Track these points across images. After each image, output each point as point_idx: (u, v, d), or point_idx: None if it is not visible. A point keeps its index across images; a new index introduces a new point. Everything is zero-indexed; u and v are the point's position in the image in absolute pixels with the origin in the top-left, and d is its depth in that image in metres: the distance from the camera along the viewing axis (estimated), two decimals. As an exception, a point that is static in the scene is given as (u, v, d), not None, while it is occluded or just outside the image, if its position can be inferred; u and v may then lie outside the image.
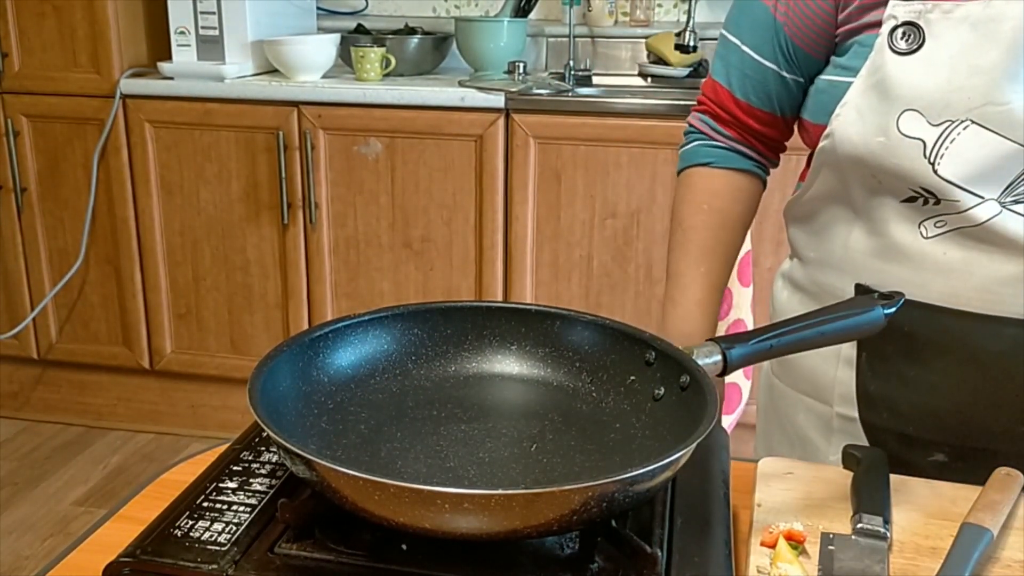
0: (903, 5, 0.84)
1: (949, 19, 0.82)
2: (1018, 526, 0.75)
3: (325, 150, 2.44)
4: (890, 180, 0.87)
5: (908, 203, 0.87)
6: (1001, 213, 0.83)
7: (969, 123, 0.82)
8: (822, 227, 0.97)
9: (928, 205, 0.86)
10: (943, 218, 0.86)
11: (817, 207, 0.97)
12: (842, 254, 0.95)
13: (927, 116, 0.83)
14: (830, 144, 0.90)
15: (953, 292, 0.86)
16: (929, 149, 0.83)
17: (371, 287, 2.54)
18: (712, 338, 0.75)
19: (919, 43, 0.83)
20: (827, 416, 0.98)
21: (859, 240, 0.92)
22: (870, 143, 0.86)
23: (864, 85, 0.86)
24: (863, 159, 0.87)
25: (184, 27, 2.48)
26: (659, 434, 0.72)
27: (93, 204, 2.60)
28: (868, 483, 0.75)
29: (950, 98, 0.82)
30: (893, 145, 0.85)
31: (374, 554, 0.63)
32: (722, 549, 0.66)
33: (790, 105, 1.00)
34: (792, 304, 1.03)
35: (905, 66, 0.84)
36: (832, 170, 0.92)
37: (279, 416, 0.66)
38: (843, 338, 0.78)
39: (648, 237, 2.36)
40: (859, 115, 0.87)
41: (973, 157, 0.82)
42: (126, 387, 2.82)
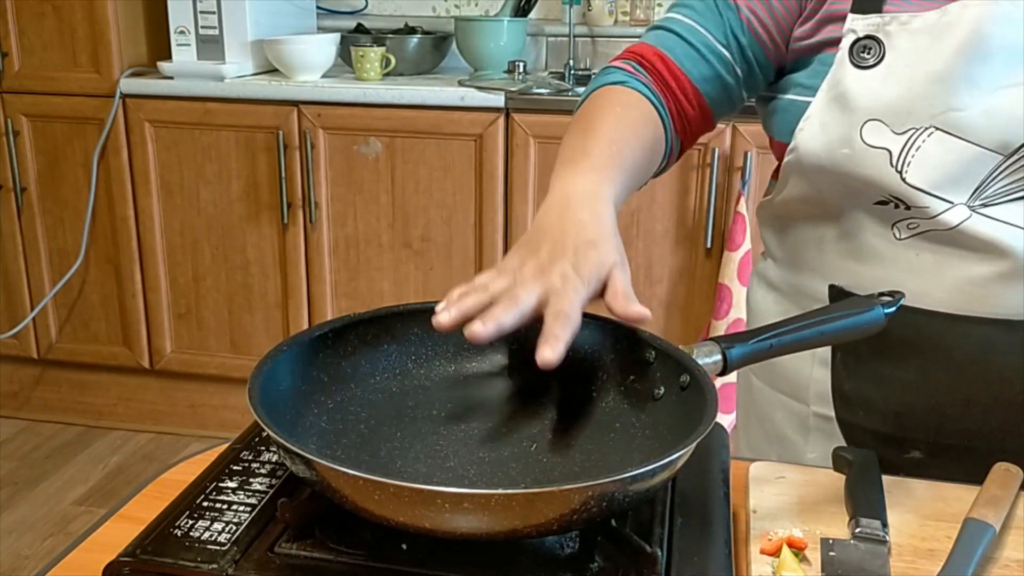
0: (862, 19, 0.85)
1: (907, 30, 0.83)
2: (1016, 525, 0.75)
3: (325, 150, 2.44)
4: (859, 188, 0.87)
5: (880, 206, 0.87)
6: (971, 217, 0.84)
7: (933, 130, 0.82)
8: (795, 229, 0.98)
9: (899, 209, 0.86)
10: (915, 221, 0.86)
11: (789, 209, 0.97)
12: (815, 256, 0.95)
13: (890, 125, 0.83)
14: (795, 158, 0.90)
15: (925, 292, 0.87)
16: (896, 158, 0.84)
17: (371, 287, 2.54)
18: (712, 337, 0.75)
19: (880, 56, 0.84)
20: (804, 415, 0.99)
21: (832, 242, 0.93)
22: (835, 155, 0.87)
23: (825, 99, 0.87)
24: (829, 171, 0.88)
25: (184, 27, 2.49)
26: (659, 434, 0.72)
27: (93, 204, 2.60)
28: (862, 486, 0.75)
29: (912, 106, 0.83)
30: (858, 156, 0.85)
31: (374, 554, 0.63)
32: (722, 549, 0.66)
33: (721, 96, 0.96)
34: (767, 303, 1.04)
35: (865, 77, 0.85)
36: (800, 178, 0.93)
37: (279, 416, 0.66)
38: (843, 337, 0.78)
39: (648, 237, 2.36)
40: (822, 128, 0.87)
41: (940, 163, 0.83)
42: (126, 387, 2.82)
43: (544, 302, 0.69)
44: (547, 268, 0.71)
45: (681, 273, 2.38)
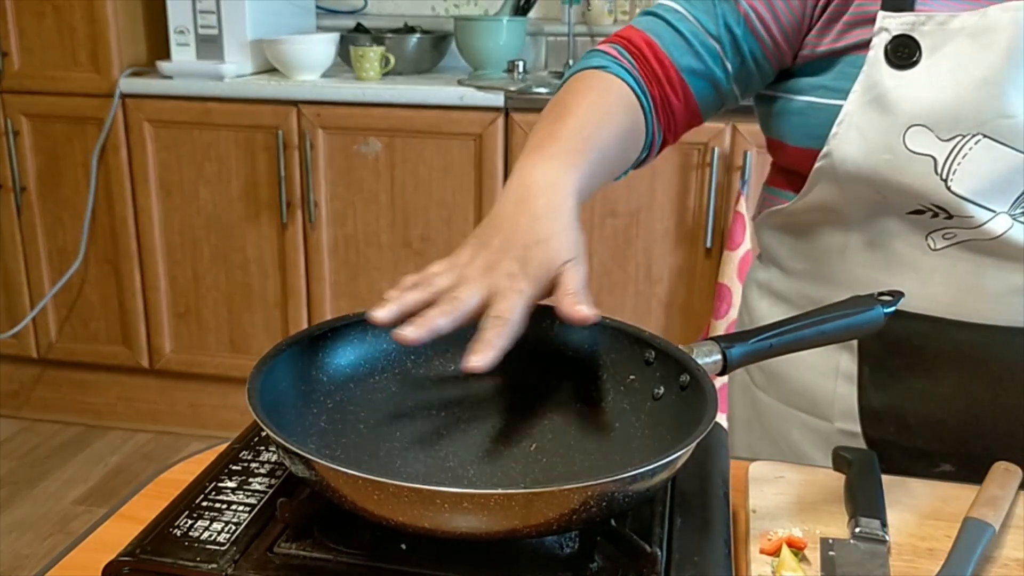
0: (894, 17, 0.82)
1: (945, 31, 0.81)
2: (1015, 524, 0.75)
3: (324, 149, 2.44)
4: (896, 196, 0.85)
5: (914, 215, 0.85)
6: (1013, 226, 0.82)
7: (981, 137, 0.80)
8: (814, 239, 0.94)
9: (938, 219, 0.84)
10: (952, 231, 0.84)
11: (810, 218, 0.94)
12: (838, 267, 0.92)
13: (936, 131, 0.81)
14: (828, 164, 0.87)
15: (961, 303, 0.85)
16: (941, 165, 0.81)
17: (370, 286, 2.54)
18: (712, 337, 0.75)
19: (916, 56, 0.82)
20: (827, 432, 0.96)
21: (857, 253, 0.90)
22: (874, 161, 0.84)
23: (861, 102, 0.84)
24: (867, 177, 0.85)
25: (183, 26, 2.48)
26: (659, 433, 0.72)
27: (92, 203, 2.60)
28: (861, 486, 0.75)
29: (959, 112, 0.80)
30: (900, 163, 0.82)
31: (373, 554, 0.63)
32: (722, 548, 0.66)
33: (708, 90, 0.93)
34: (774, 315, 0.99)
35: (905, 81, 0.82)
36: (830, 186, 0.89)
37: (278, 415, 0.66)
38: (843, 337, 0.78)
39: (648, 236, 2.36)
40: (860, 133, 0.84)
41: (986, 172, 0.80)
42: (125, 386, 2.82)
43: (486, 302, 0.68)
44: (495, 265, 0.69)
45: (681, 273, 2.38)
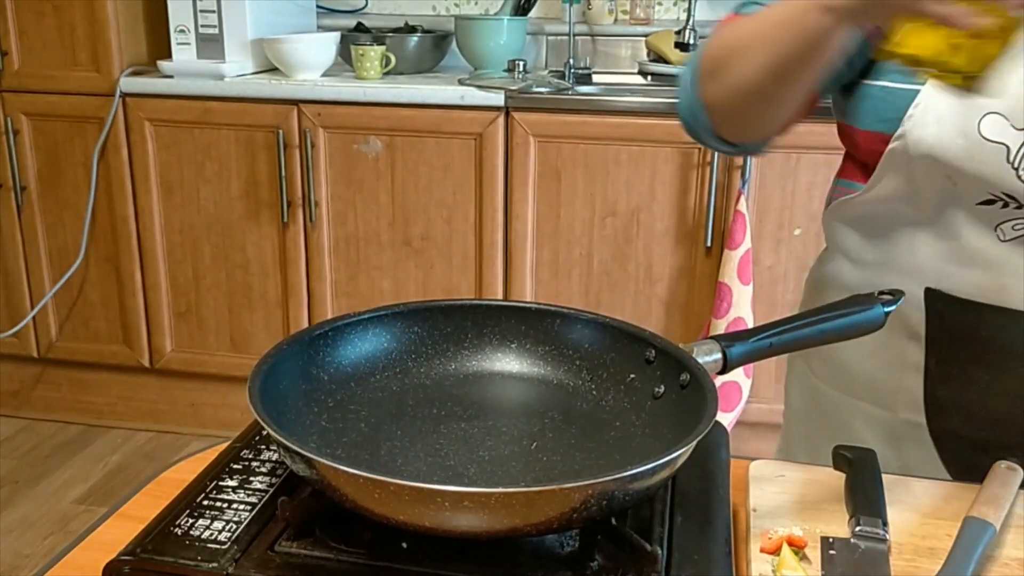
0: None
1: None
2: (1016, 524, 0.75)
3: (325, 148, 2.44)
4: (967, 183, 0.84)
5: (984, 205, 0.85)
6: None
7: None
8: (885, 230, 0.93)
9: (1007, 209, 0.83)
10: (1020, 222, 0.84)
11: (878, 209, 0.93)
12: (908, 258, 0.91)
13: (1012, 120, 0.81)
14: (902, 146, 0.86)
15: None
16: (1014, 154, 0.81)
17: (371, 285, 2.54)
18: (712, 336, 0.75)
19: None
20: (890, 423, 0.96)
21: (928, 244, 0.89)
22: (948, 146, 0.83)
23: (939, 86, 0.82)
24: (939, 162, 0.84)
25: (184, 25, 2.48)
26: (659, 432, 0.72)
27: (93, 203, 2.60)
28: (862, 485, 0.75)
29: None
30: (974, 149, 0.82)
31: (374, 552, 0.63)
32: (722, 547, 0.66)
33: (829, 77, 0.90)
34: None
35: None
36: (900, 173, 0.88)
37: (279, 414, 0.66)
38: (843, 336, 0.78)
39: (648, 235, 2.36)
40: (936, 118, 0.84)
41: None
42: (126, 386, 2.82)
43: None
44: None
45: (681, 272, 2.38)
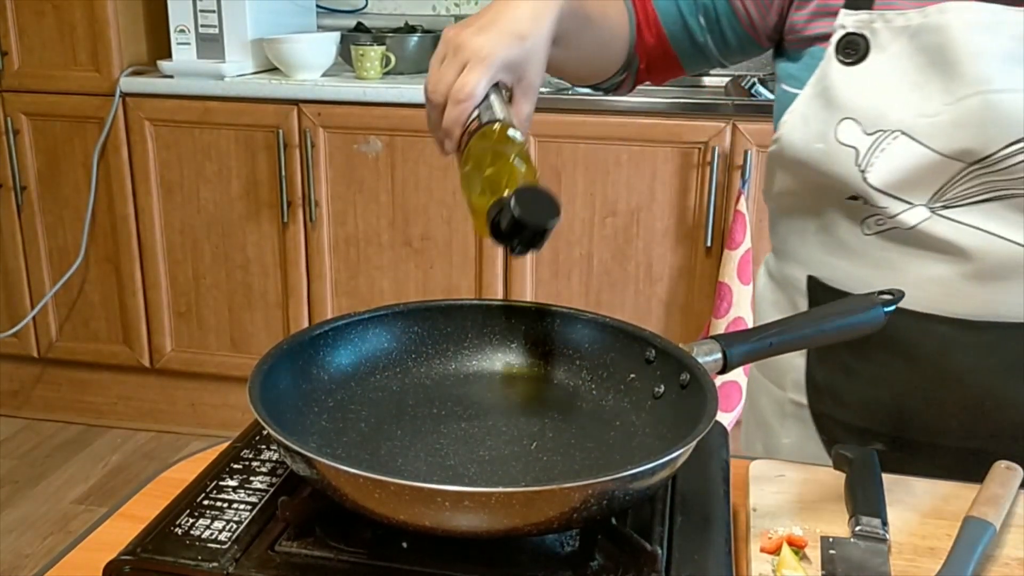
0: (852, 15, 0.86)
1: (890, 28, 0.84)
2: (1016, 523, 0.75)
3: (325, 148, 2.44)
4: (831, 183, 0.89)
5: (852, 201, 0.89)
6: (931, 218, 0.85)
7: (899, 134, 0.84)
8: (783, 220, 1.00)
9: (868, 205, 0.88)
10: (881, 218, 0.88)
11: (779, 202, 1.00)
12: (798, 247, 0.97)
13: (863, 125, 0.85)
14: (777, 149, 0.93)
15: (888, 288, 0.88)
16: (861, 157, 0.85)
17: (371, 285, 2.54)
18: (712, 336, 0.75)
19: (863, 54, 0.86)
20: (781, 401, 1.01)
21: (812, 234, 0.95)
22: (811, 149, 0.89)
23: (811, 93, 0.89)
24: (805, 164, 0.90)
25: (184, 25, 2.48)
26: (659, 432, 0.72)
27: (93, 202, 2.60)
28: (862, 484, 0.75)
29: (885, 108, 0.84)
30: (831, 152, 0.87)
31: (374, 552, 0.63)
32: (722, 547, 0.66)
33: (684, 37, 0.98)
34: (767, 292, 1.06)
35: (849, 76, 0.86)
36: (784, 171, 0.95)
37: (279, 414, 0.66)
38: (843, 336, 0.79)
39: (648, 235, 2.36)
40: (804, 122, 0.89)
41: (900, 167, 0.84)
42: (126, 385, 2.82)
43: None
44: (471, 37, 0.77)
45: (681, 271, 2.38)
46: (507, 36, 0.77)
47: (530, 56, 0.79)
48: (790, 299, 1.00)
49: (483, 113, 0.76)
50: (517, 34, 0.78)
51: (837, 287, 0.93)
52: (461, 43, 0.77)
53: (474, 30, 0.77)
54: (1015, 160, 0.81)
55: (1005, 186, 0.83)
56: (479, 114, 0.76)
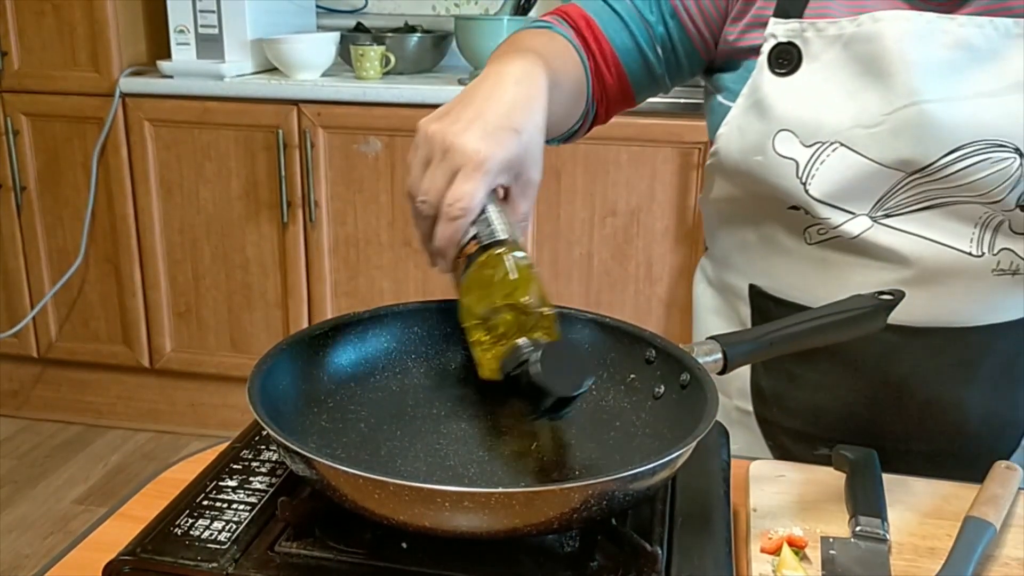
0: (783, 24, 0.86)
1: (823, 38, 0.84)
2: (1016, 523, 0.75)
3: (325, 148, 2.44)
4: (771, 194, 0.89)
5: (793, 210, 0.89)
6: (873, 227, 0.86)
7: (838, 145, 0.84)
8: (723, 227, 1.00)
9: (809, 216, 0.88)
10: (823, 227, 0.88)
11: (718, 210, 0.99)
12: (739, 255, 0.97)
13: (800, 137, 0.85)
14: (716, 161, 0.93)
15: (832, 297, 0.88)
16: (801, 169, 0.85)
17: (371, 285, 2.54)
18: (712, 336, 0.75)
19: (796, 64, 0.85)
20: (728, 408, 1.02)
21: (753, 243, 0.95)
22: (749, 161, 0.88)
23: (745, 104, 0.88)
24: (745, 175, 0.90)
25: (183, 26, 2.48)
26: (659, 432, 0.72)
27: (93, 203, 2.60)
28: (862, 484, 0.76)
29: (822, 120, 0.84)
30: (770, 164, 0.87)
31: (374, 552, 0.63)
32: (722, 547, 0.66)
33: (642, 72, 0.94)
34: (706, 299, 1.06)
35: (782, 87, 0.86)
36: (723, 180, 0.95)
37: (279, 414, 0.66)
38: (843, 336, 0.79)
39: (648, 235, 2.36)
40: (740, 134, 0.89)
41: (840, 178, 0.84)
42: (126, 386, 2.82)
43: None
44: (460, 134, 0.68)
45: (681, 272, 2.38)
46: (502, 133, 0.67)
47: (528, 151, 0.69)
48: (732, 306, 1.00)
49: (481, 230, 0.66)
50: (511, 128, 0.68)
51: (779, 296, 0.93)
52: (449, 145, 0.66)
53: (462, 126, 0.67)
54: (953, 169, 0.82)
55: (944, 194, 0.84)
56: (477, 232, 0.66)
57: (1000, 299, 0.88)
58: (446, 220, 0.66)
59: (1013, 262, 0.86)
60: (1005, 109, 0.81)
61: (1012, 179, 0.81)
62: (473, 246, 0.66)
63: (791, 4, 0.86)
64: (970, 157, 0.81)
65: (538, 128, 0.71)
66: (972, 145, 0.81)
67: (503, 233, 0.66)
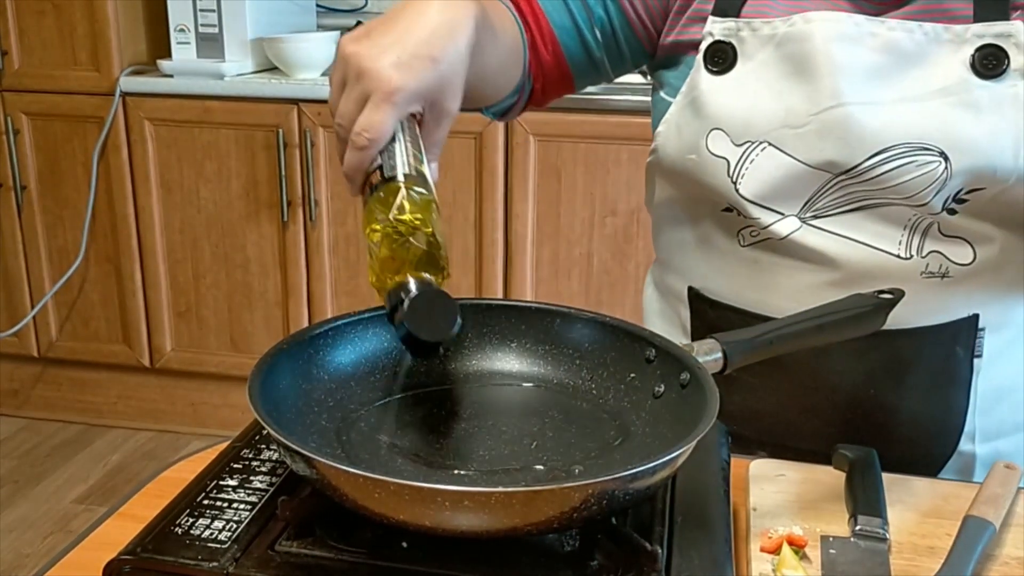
0: (720, 23, 0.86)
1: (757, 37, 0.85)
2: (1016, 523, 0.75)
3: (325, 148, 2.44)
4: (706, 194, 0.89)
5: (726, 212, 0.89)
6: (801, 228, 0.86)
7: (767, 145, 0.84)
8: (664, 230, 1.00)
9: (741, 217, 0.88)
10: (755, 229, 0.88)
11: (659, 212, 0.99)
12: (679, 258, 0.98)
13: (731, 136, 0.85)
14: (655, 159, 0.92)
15: (763, 300, 0.89)
16: (732, 168, 0.86)
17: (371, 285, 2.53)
18: (712, 335, 0.75)
19: (731, 63, 0.85)
20: None
21: (691, 245, 0.95)
22: (684, 160, 0.88)
23: (683, 102, 0.88)
24: (681, 174, 0.90)
25: (184, 25, 2.48)
26: (659, 431, 0.72)
27: (93, 202, 2.60)
28: (862, 484, 0.76)
29: (751, 119, 0.84)
30: (703, 163, 0.87)
31: (374, 552, 0.63)
32: (722, 547, 0.66)
33: (580, 53, 0.93)
34: (652, 302, 1.06)
35: (716, 86, 0.86)
36: (663, 180, 0.95)
37: (279, 414, 0.66)
38: (843, 335, 0.79)
39: (648, 235, 2.36)
40: (677, 132, 0.89)
41: (769, 178, 0.84)
42: (126, 385, 2.82)
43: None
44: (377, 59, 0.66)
45: (681, 271, 2.38)
46: (418, 61, 0.66)
47: (445, 81, 0.68)
48: (673, 309, 1.00)
49: (385, 162, 0.66)
50: (430, 56, 0.66)
51: (714, 298, 0.94)
52: (363, 71, 0.65)
53: (377, 52, 0.66)
54: (878, 171, 0.82)
55: (871, 196, 0.84)
56: (381, 163, 0.66)
57: (929, 302, 0.87)
58: (353, 148, 0.66)
59: (942, 265, 0.86)
60: (930, 113, 0.81)
61: (938, 182, 0.81)
62: (377, 176, 0.67)
63: (729, 3, 0.86)
64: (895, 160, 0.81)
65: (459, 58, 0.69)
66: (897, 148, 0.81)
67: (404, 167, 0.66)
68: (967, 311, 0.89)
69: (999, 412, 0.95)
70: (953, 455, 0.94)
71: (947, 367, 0.91)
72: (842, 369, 0.90)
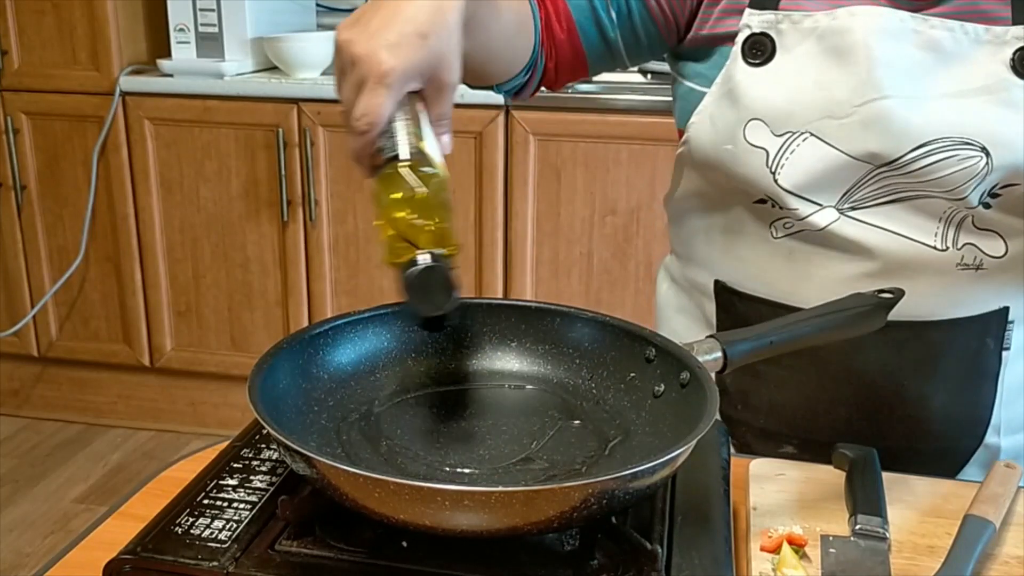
0: (758, 15, 0.86)
1: (798, 30, 0.85)
2: (1016, 522, 0.75)
3: (325, 147, 2.44)
4: (740, 185, 0.89)
5: (759, 204, 0.89)
6: (839, 219, 0.86)
7: (808, 135, 0.84)
8: (688, 223, 1.00)
9: (775, 209, 0.88)
10: (789, 221, 0.88)
11: (684, 205, 0.99)
12: (704, 250, 0.98)
13: (771, 127, 0.85)
14: (686, 150, 0.92)
15: (796, 291, 0.89)
16: (771, 159, 0.86)
17: (371, 284, 2.54)
18: (712, 335, 0.75)
19: (770, 54, 0.86)
20: None
21: (719, 238, 0.95)
22: (719, 150, 0.88)
23: (718, 93, 0.88)
24: (715, 165, 0.90)
25: (183, 24, 2.48)
26: (659, 431, 0.72)
27: (93, 202, 2.60)
28: (862, 483, 0.76)
29: (793, 110, 0.84)
30: (740, 153, 0.87)
31: (374, 551, 0.63)
32: (722, 546, 0.66)
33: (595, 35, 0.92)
34: (669, 297, 1.06)
35: (755, 77, 0.86)
36: (692, 171, 0.95)
37: (279, 413, 0.66)
38: (844, 334, 0.79)
39: (648, 234, 2.36)
40: (712, 123, 0.89)
41: (810, 168, 0.85)
42: (126, 384, 2.82)
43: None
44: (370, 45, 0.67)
45: (681, 270, 2.38)
46: (406, 40, 0.66)
47: (438, 55, 0.68)
48: (697, 304, 1.00)
49: (385, 144, 0.67)
50: (417, 33, 0.67)
51: (744, 291, 0.94)
52: (355, 55, 0.66)
53: (367, 36, 0.66)
54: (919, 164, 0.82)
55: (910, 188, 0.84)
56: (382, 145, 0.67)
57: (962, 294, 0.88)
58: (354, 134, 0.67)
59: (976, 257, 0.87)
60: (971, 110, 0.82)
61: (978, 176, 0.82)
62: (380, 158, 0.68)
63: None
64: (937, 153, 0.82)
65: (450, 30, 0.69)
66: (940, 142, 0.82)
67: (405, 148, 0.67)
68: (998, 303, 0.90)
69: (1021, 405, 0.95)
70: (979, 448, 0.95)
71: (977, 359, 0.92)
72: (876, 361, 0.90)
